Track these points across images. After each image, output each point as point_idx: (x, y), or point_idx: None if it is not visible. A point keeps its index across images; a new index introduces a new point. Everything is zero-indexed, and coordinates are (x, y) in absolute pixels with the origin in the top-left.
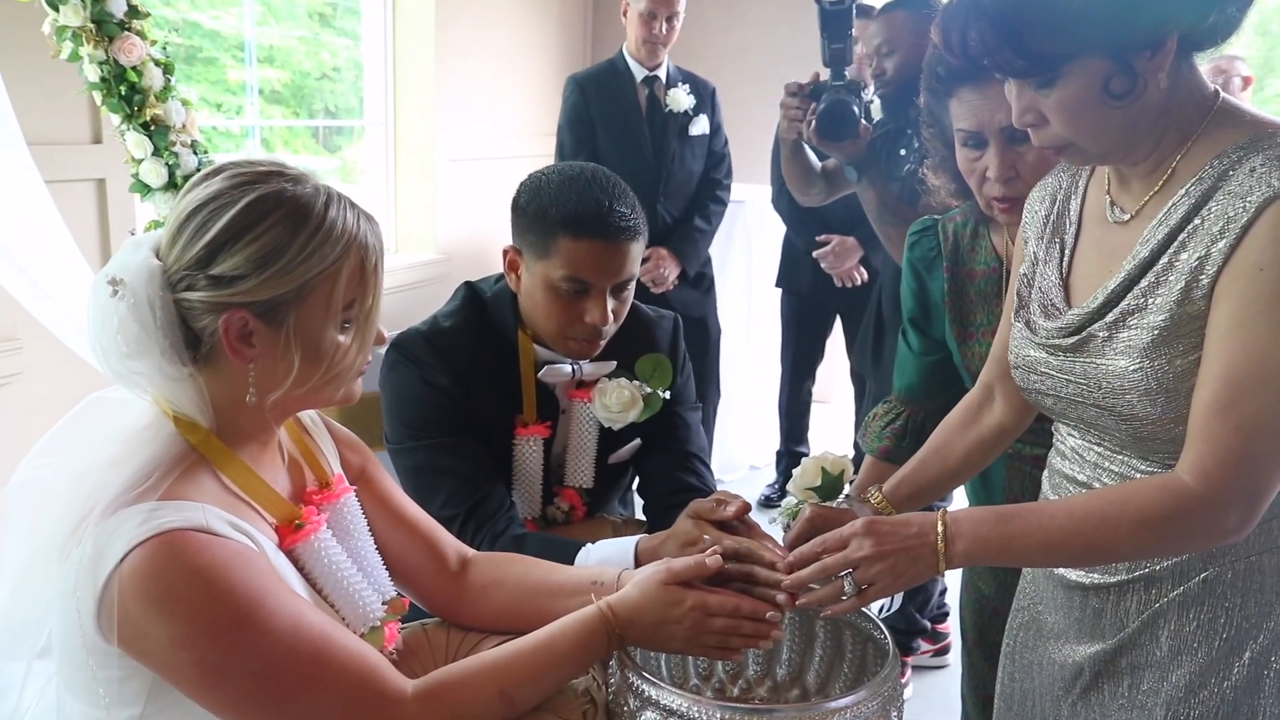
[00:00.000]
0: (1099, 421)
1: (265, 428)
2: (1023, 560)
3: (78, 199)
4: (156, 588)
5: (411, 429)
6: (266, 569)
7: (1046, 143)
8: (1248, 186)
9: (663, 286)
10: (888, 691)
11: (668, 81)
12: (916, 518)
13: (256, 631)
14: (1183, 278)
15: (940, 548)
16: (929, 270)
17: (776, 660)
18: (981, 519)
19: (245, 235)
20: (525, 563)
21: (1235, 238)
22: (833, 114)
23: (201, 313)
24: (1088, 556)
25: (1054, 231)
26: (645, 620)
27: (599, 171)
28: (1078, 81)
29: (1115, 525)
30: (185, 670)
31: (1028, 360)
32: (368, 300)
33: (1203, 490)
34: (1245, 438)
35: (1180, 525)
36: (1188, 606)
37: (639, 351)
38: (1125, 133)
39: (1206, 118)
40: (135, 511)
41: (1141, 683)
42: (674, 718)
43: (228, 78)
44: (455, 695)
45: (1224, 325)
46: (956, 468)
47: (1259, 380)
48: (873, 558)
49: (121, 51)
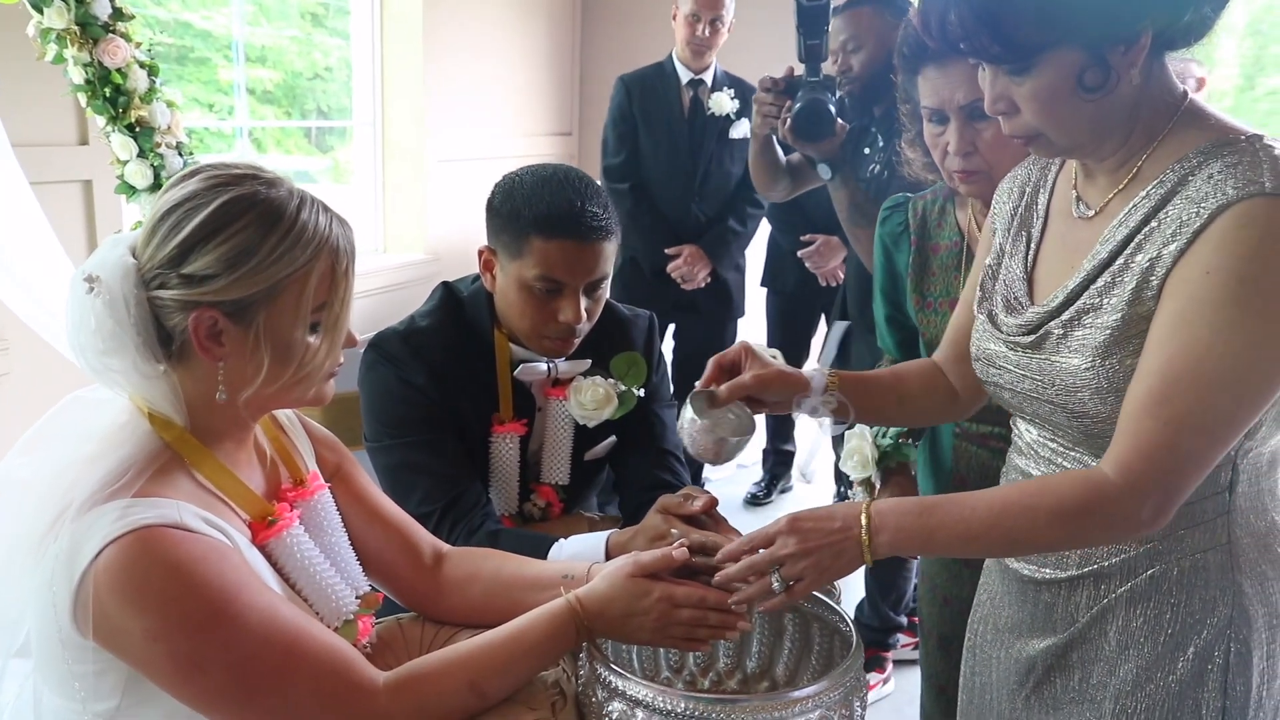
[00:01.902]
0: (1053, 418)
1: (240, 426)
2: (945, 550)
3: (64, 200)
4: (131, 583)
5: (389, 427)
6: (240, 564)
7: (1016, 132)
8: (1204, 192)
9: (692, 284)
10: (850, 682)
11: (713, 85)
12: (840, 511)
13: (230, 625)
14: (1135, 278)
15: (864, 540)
16: (896, 245)
17: (746, 653)
18: (904, 510)
19: (217, 236)
20: (498, 557)
21: (1186, 241)
22: (809, 113)
23: (173, 311)
24: (1007, 547)
25: (1021, 224)
26: (613, 612)
27: (571, 172)
28: (1052, 71)
29: (1033, 516)
30: (160, 664)
31: (988, 353)
32: (338, 302)
33: (1122, 482)
34: (1172, 434)
35: (1096, 516)
36: (1135, 602)
37: (614, 350)
38: (1094, 127)
39: (1174, 118)
40: (110, 508)
41: (1091, 676)
42: (640, 708)
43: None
44: (426, 686)
45: (1166, 323)
46: (908, 396)
47: (1193, 380)
48: (797, 554)
49: (106, 54)
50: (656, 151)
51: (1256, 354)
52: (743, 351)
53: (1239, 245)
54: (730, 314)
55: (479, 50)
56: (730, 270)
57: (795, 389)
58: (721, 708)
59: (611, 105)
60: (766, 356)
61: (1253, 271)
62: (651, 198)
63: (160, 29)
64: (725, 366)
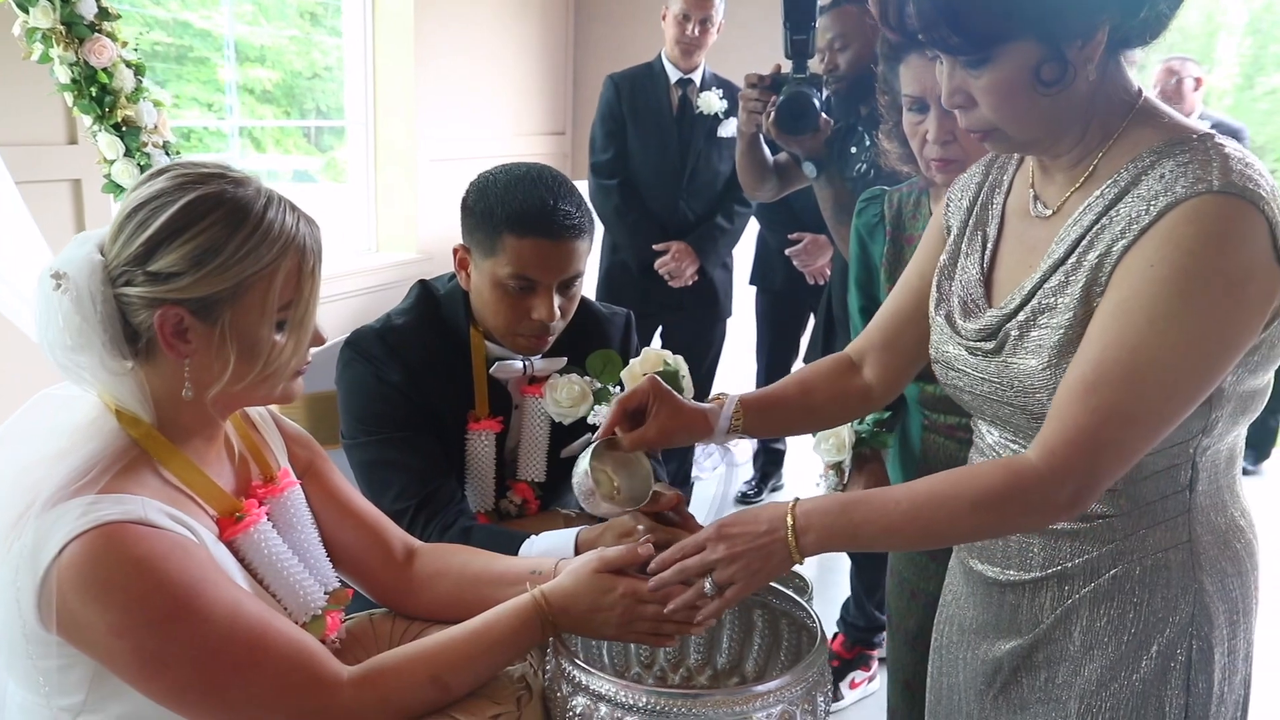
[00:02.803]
0: (1013, 419)
1: (208, 423)
2: (872, 545)
3: (54, 200)
4: (94, 578)
5: (364, 424)
6: (204, 559)
7: (973, 125)
8: (1155, 190)
9: (680, 281)
10: (813, 677)
11: (701, 85)
12: (765, 513)
13: (194, 620)
14: (1086, 275)
15: (791, 540)
16: (871, 236)
17: (717, 649)
18: (828, 508)
19: (183, 233)
20: (467, 553)
21: (1134, 237)
22: (792, 106)
23: (139, 308)
24: (931, 537)
25: (977, 224)
26: (578, 607)
27: (545, 171)
28: (1009, 65)
29: (954, 506)
30: (124, 658)
31: (946, 356)
32: (304, 301)
33: (1043, 467)
34: (1098, 422)
35: (1016, 501)
36: (1098, 602)
37: (591, 348)
38: (1050, 122)
39: (1129, 116)
40: (75, 504)
41: (1057, 676)
42: (602, 702)
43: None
44: (389, 680)
45: (1106, 313)
46: (815, 408)
47: (1125, 370)
48: (726, 559)
49: (92, 53)
50: (645, 149)
51: (1191, 349)
52: (650, 393)
53: (1184, 241)
54: (718, 313)
55: (471, 50)
56: (718, 269)
57: (700, 433)
58: (683, 702)
59: (600, 103)
60: (676, 395)
61: (1196, 267)
62: (640, 195)
63: (152, 27)
64: (630, 412)
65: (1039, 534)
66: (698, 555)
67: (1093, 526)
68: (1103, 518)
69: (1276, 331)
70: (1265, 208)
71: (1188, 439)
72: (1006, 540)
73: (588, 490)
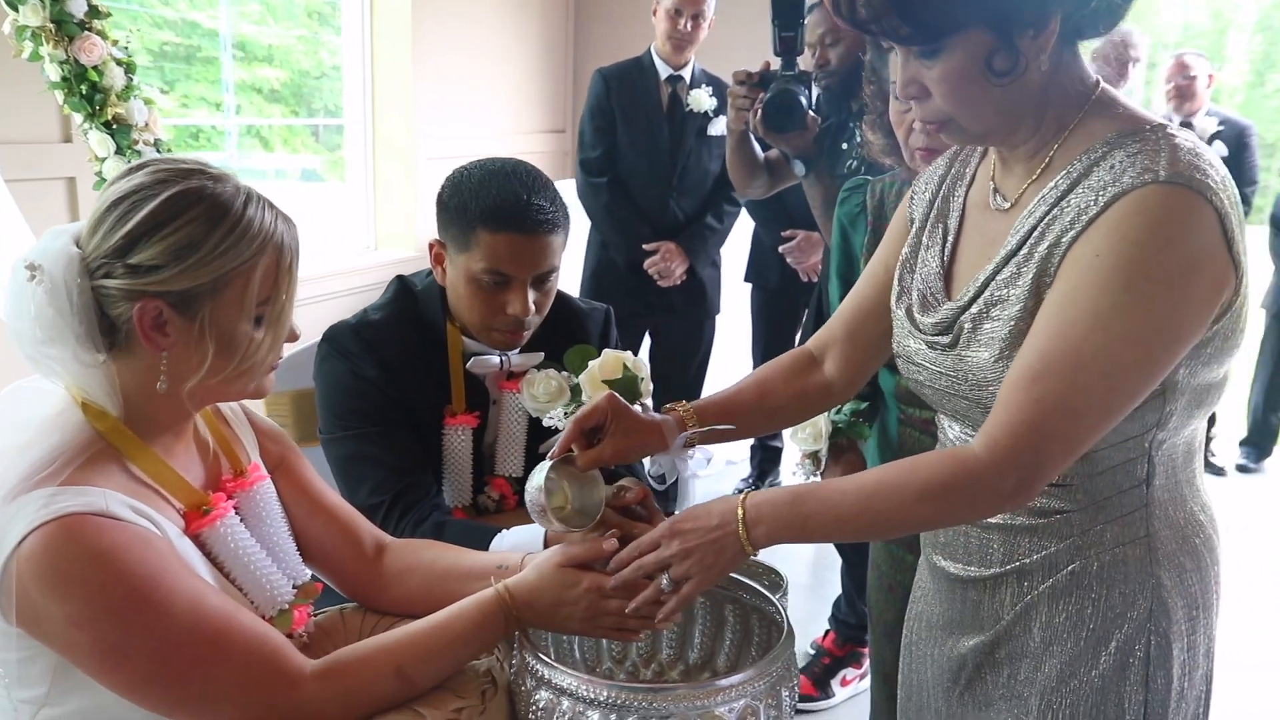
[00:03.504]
0: (970, 413)
1: (179, 418)
2: (823, 536)
3: (49, 198)
4: (54, 569)
5: (341, 419)
6: (166, 551)
7: (928, 117)
8: (1104, 180)
9: (669, 280)
10: (778, 672)
11: (691, 82)
12: (717, 507)
13: (154, 612)
14: (1036, 266)
15: (742, 534)
16: (853, 225)
17: (689, 645)
18: (778, 500)
19: (164, 228)
20: (437, 548)
21: (1082, 228)
22: (779, 104)
23: (117, 300)
24: (879, 528)
25: (938, 217)
26: (542, 602)
27: (520, 166)
28: (961, 54)
29: (901, 496)
30: (84, 650)
31: (907, 350)
32: (281, 297)
33: (986, 456)
34: (1042, 412)
35: (960, 491)
36: (1057, 598)
37: (569, 343)
38: (1004, 113)
39: (1084, 107)
40: (36, 496)
41: (1019, 672)
42: (565, 696)
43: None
44: (351, 674)
45: (1053, 304)
46: (773, 410)
47: (1070, 360)
48: (680, 555)
49: (82, 51)
50: (635, 146)
51: (1135, 340)
52: (607, 411)
53: (1130, 231)
54: (707, 311)
55: (470, 47)
56: (707, 268)
57: (655, 448)
58: (645, 696)
59: (589, 98)
60: (633, 411)
61: (1141, 257)
62: (629, 193)
63: (169, 28)
64: (586, 430)
65: (998, 530)
66: (653, 553)
67: (1050, 522)
68: (1060, 513)
69: (1229, 324)
70: (1213, 198)
71: (1143, 432)
72: (967, 536)
73: (539, 507)
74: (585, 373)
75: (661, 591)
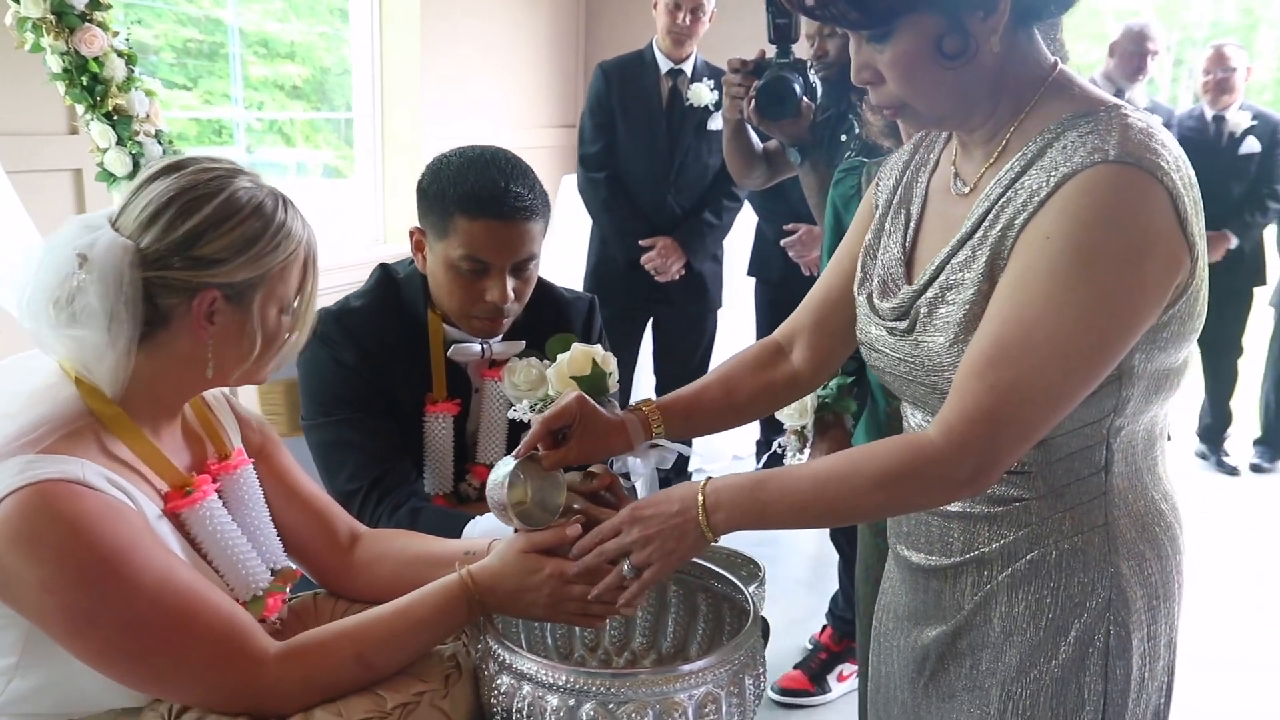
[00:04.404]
0: (927, 400)
1: (176, 404)
2: (781, 523)
3: (55, 189)
4: (26, 534)
5: (321, 405)
6: (139, 525)
7: (883, 102)
8: (1056, 161)
9: (666, 276)
10: (740, 659)
11: (693, 75)
12: (677, 493)
13: (122, 582)
14: (989, 250)
15: (702, 520)
16: (846, 207)
17: (661, 633)
18: (738, 487)
19: (227, 223)
20: (407, 536)
21: (1033, 210)
22: (772, 91)
23: (175, 290)
24: (835, 516)
25: (901, 202)
26: (504, 587)
27: (499, 153)
28: (911, 38)
29: (856, 483)
30: (53, 616)
31: (869, 337)
32: (307, 291)
33: (942, 443)
34: (997, 398)
35: (915, 478)
36: (1015, 588)
37: (552, 331)
38: (958, 96)
39: (1040, 90)
40: (14, 463)
41: (980, 663)
42: (525, 681)
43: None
44: (312, 657)
45: (1005, 287)
46: (740, 405)
47: (1023, 345)
48: (641, 541)
49: (82, 43)
50: (634, 141)
51: (1088, 323)
52: (576, 413)
53: (1080, 212)
54: (707, 305)
55: (479, 41)
56: (706, 262)
57: (618, 448)
58: (604, 681)
59: (589, 93)
60: (601, 412)
61: (1090, 239)
62: (627, 188)
63: (193, 25)
64: (554, 430)
65: (959, 518)
66: (615, 539)
67: (1009, 510)
68: (1019, 501)
69: (1186, 308)
70: (1165, 178)
71: (1100, 418)
72: (929, 524)
73: (500, 504)
74: (553, 366)
75: (624, 577)
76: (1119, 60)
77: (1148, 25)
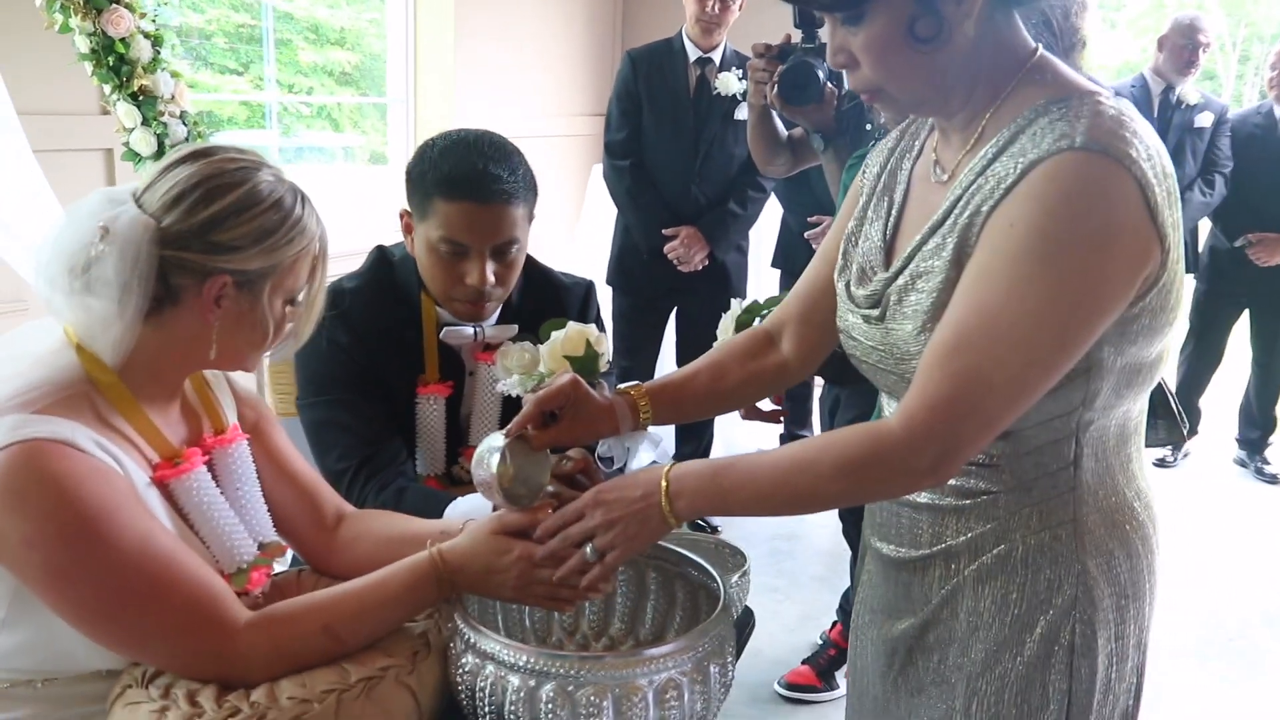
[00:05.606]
0: (897, 389)
1: (176, 381)
2: (743, 510)
3: (86, 168)
4: (11, 488)
5: (314, 385)
6: (123, 489)
7: (859, 86)
8: (1024, 148)
9: (688, 266)
10: (706, 646)
11: (721, 64)
12: (642, 478)
13: (102, 541)
14: (957, 237)
15: (665, 505)
16: None
17: (640, 619)
18: (700, 473)
19: (248, 212)
20: (389, 517)
21: (1000, 197)
22: (795, 77)
23: (189, 271)
24: (796, 504)
25: (884, 190)
26: (473, 568)
27: (485, 136)
28: (883, 20)
29: (817, 471)
30: (33, 570)
31: (846, 325)
32: (314, 284)
33: (902, 432)
34: (958, 386)
35: (875, 467)
36: (982, 582)
37: (548, 316)
38: (932, 81)
39: (1018, 75)
40: (6, 421)
41: (947, 657)
42: (490, 662)
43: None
44: (281, 628)
45: (970, 275)
46: (727, 393)
47: (985, 333)
48: (604, 525)
49: (110, 24)
50: (660, 130)
51: (1050, 313)
52: (570, 395)
53: (1045, 199)
54: (729, 297)
55: (513, 29)
56: (730, 253)
57: (605, 431)
58: (565, 664)
59: (617, 80)
60: (593, 395)
61: (1054, 227)
62: (652, 177)
63: (246, 11)
64: (546, 410)
65: (928, 510)
66: (579, 523)
67: (977, 503)
68: (987, 494)
69: (1157, 300)
70: (1134, 167)
71: (1068, 411)
72: (899, 516)
73: (486, 481)
74: (547, 344)
75: (587, 561)
76: (1168, 54)
77: (1198, 17)
